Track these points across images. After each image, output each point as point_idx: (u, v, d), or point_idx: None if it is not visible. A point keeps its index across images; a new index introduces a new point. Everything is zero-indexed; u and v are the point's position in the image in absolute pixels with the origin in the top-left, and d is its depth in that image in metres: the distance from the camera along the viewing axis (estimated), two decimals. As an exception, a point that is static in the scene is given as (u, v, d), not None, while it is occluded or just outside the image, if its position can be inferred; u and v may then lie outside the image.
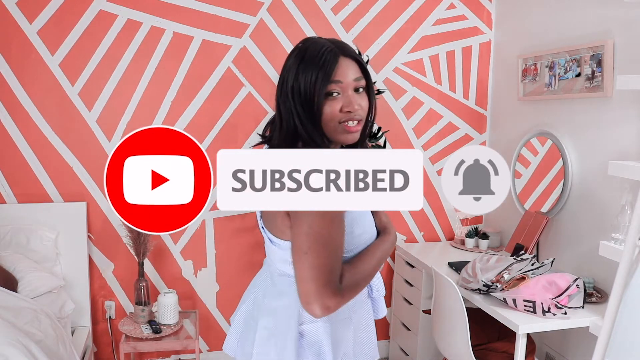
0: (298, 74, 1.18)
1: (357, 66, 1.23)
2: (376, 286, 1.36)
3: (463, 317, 2.14)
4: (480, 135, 3.28)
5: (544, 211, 2.68)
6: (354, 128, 1.20)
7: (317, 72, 1.17)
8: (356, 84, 1.22)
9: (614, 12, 2.26)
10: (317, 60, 1.18)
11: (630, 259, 1.44)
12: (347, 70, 1.20)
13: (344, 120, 1.19)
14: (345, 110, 1.19)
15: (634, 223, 1.44)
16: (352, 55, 1.24)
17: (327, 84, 1.17)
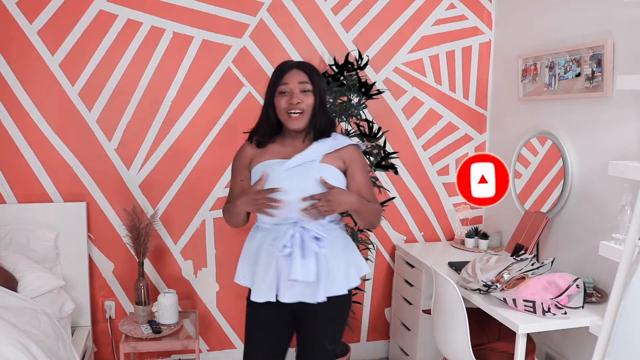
0: (270, 80, 1.83)
1: (305, 75, 1.79)
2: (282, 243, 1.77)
3: (463, 317, 2.14)
4: (480, 135, 3.28)
5: (544, 211, 2.68)
6: (295, 117, 1.77)
7: (275, 77, 1.81)
8: (301, 87, 1.78)
9: (614, 12, 2.26)
10: (278, 70, 1.82)
11: (630, 259, 1.44)
12: (295, 76, 1.78)
13: (288, 110, 1.77)
14: (289, 102, 1.76)
15: (634, 223, 1.44)
16: (303, 68, 1.80)
17: (279, 85, 1.79)
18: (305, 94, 1.77)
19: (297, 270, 1.71)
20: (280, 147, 1.85)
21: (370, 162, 2.76)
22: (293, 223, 1.77)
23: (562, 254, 2.59)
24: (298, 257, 1.72)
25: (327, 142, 1.83)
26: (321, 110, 1.82)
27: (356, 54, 2.95)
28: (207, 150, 2.93)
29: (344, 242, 1.87)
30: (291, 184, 1.73)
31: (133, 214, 2.67)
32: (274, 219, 1.78)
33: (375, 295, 3.29)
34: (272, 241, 1.78)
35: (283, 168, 1.76)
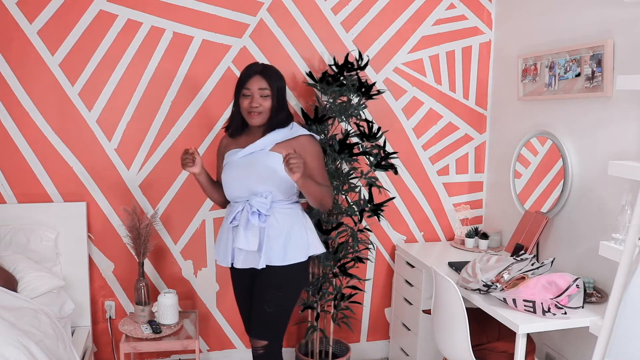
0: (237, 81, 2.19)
1: (265, 82, 2.13)
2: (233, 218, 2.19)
3: (463, 317, 2.14)
4: (480, 135, 3.29)
5: (544, 211, 2.68)
6: (255, 116, 2.16)
7: (240, 81, 2.17)
8: (261, 92, 2.14)
9: (614, 12, 2.26)
10: (242, 74, 2.18)
11: (630, 259, 1.44)
12: (256, 82, 2.14)
13: (248, 111, 2.15)
14: (250, 105, 2.14)
15: (634, 223, 1.44)
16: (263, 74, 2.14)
17: (242, 89, 2.16)
18: (263, 98, 2.14)
19: (240, 239, 2.10)
20: (245, 138, 2.23)
21: (370, 162, 2.76)
22: (245, 201, 2.14)
23: (562, 254, 2.59)
24: (241, 229, 2.10)
25: (281, 133, 2.18)
26: (279, 108, 2.17)
27: (356, 54, 2.95)
28: (207, 150, 2.93)
29: (291, 221, 2.17)
30: (243, 169, 2.15)
31: (133, 214, 2.67)
32: (232, 197, 2.21)
33: (375, 295, 3.29)
34: (228, 216, 2.19)
35: (238, 155, 2.17)
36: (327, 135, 2.80)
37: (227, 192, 2.22)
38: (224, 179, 2.20)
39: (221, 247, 2.25)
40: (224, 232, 2.24)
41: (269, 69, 2.17)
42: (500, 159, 3.16)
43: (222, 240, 2.25)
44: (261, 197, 2.11)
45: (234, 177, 2.17)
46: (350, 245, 2.82)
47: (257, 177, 2.12)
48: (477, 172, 3.32)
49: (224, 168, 2.22)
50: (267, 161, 2.13)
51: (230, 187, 2.19)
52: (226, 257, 2.21)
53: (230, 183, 2.18)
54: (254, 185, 2.12)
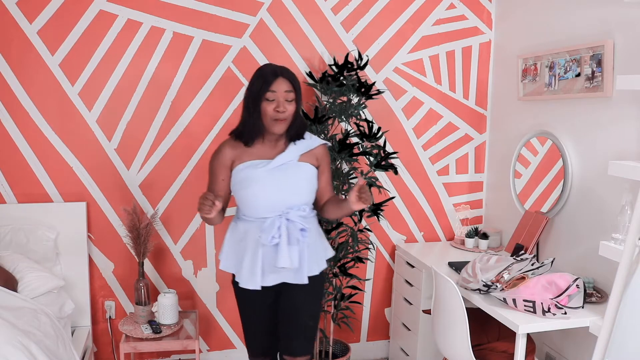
0: (252, 85, 1.95)
1: (290, 84, 1.94)
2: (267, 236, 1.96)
3: (463, 317, 2.14)
4: (480, 135, 3.28)
5: (544, 211, 2.68)
6: (281, 122, 1.94)
7: (262, 84, 1.92)
8: (286, 95, 1.93)
9: (614, 12, 2.26)
10: (263, 76, 1.93)
11: (630, 259, 1.45)
12: (281, 85, 1.92)
13: (275, 117, 1.93)
14: (276, 109, 1.92)
15: (634, 223, 1.44)
16: (287, 77, 1.94)
17: (266, 92, 1.91)
18: (289, 103, 1.94)
19: (284, 258, 1.91)
20: (259, 148, 2.02)
21: (370, 162, 2.76)
22: (278, 216, 1.96)
23: (562, 254, 2.59)
24: (285, 247, 1.92)
25: (303, 143, 2.05)
26: (299, 116, 2.02)
27: (356, 54, 2.95)
28: (207, 150, 2.93)
29: (317, 230, 2.10)
30: (274, 181, 1.96)
31: (133, 214, 2.67)
32: (258, 213, 1.98)
33: (375, 295, 3.29)
34: (259, 232, 1.96)
35: (268, 168, 1.97)
36: (327, 135, 2.80)
37: (253, 207, 1.98)
38: (248, 195, 1.97)
39: (244, 268, 1.99)
40: (249, 252, 1.99)
41: (288, 70, 1.98)
42: (500, 159, 3.16)
43: (244, 260, 1.99)
44: (299, 211, 1.98)
45: (266, 190, 1.95)
46: (350, 245, 2.82)
47: (294, 190, 1.98)
48: (477, 172, 3.32)
49: (242, 183, 1.98)
50: (300, 172, 2.01)
51: (261, 202, 1.97)
52: (254, 278, 1.97)
53: (263, 197, 1.96)
54: (290, 198, 1.97)
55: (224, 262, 2.09)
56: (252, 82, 1.96)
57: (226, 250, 2.10)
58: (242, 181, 1.98)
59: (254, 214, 1.99)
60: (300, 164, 2.01)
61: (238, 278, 2.03)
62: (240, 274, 2.01)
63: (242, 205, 2.03)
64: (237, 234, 2.05)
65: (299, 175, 2.00)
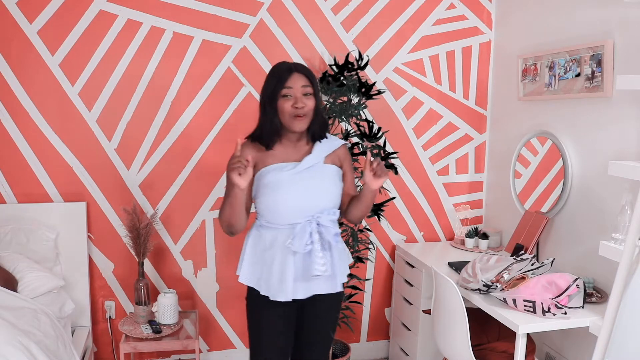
0: (267, 84, 1.87)
1: (306, 78, 1.83)
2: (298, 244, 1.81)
3: (463, 317, 2.14)
4: (480, 135, 3.28)
5: (544, 211, 2.68)
6: (301, 119, 1.82)
7: (276, 81, 1.83)
8: (303, 90, 1.82)
9: (614, 12, 2.26)
10: (278, 74, 1.84)
11: (630, 259, 1.44)
12: (297, 80, 1.82)
13: (294, 114, 1.81)
14: (294, 106, 1.81)
15: (634, 223, 1.44)
16: (302, 71, 1.84)
17: (282, 88, 1.81)
18: (307, 97, 1.83)
19: (319, 265, 1.78)
20: (281, 150, 1.89)
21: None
22: (307, 221, 1.82)
23: (562, 254, 2.59)
24: (319, 254, 1.79)
25: (326, 144, 1.94)
26: (319, 112, 1.90)
27: (356, 54, 2.95)
28: (207, 150, 2.93)
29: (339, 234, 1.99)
30: (302, 185, 1.83)
31: (133, 214, 2.67)
32: (287, 219, 1.82)
33: (375, 295, 3.29)
34: (290, 240, 1.80)
35: (295, 170, 1.84)
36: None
37: (281, 212, 1.83)
38: (275, 200, 1.82)
39: (273, 278, 1.84)
40: (278, 261, 1.84)
41: (303, 65, 1.88)
42: (500, 159, 3.16)
43: (273, 270, 1.84)
44: (329, 215, 1.85)
45: (295, 194, 1.82)
46: (351, 245, 2.82)
47: (323, 193, 1.86)
48: (477, 172, 3.32)
49: (268, 187, 1.83)
50: (328, 174, 1.89)
51: (290, 207, 1.82)
52: (284, 289, 1.82)
53: (292, 202, 1.82)
54: (320, 202, 1.85)
55: (246, 275, 1.90)
56: (266, 82, 1.86)
57: (248, 262, 1.90)
58: (267, 185, 1.83)
59: (281, 221, 1.84)
60: (327, 166, 1.91)
61: (265, 291, 1.85)
62: (268, 286, 1.84)
63: (266, 212, 1.86)
64: (262, 243, 1.88)
65: (327, 178, 1.89)
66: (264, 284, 1.85)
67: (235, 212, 1.79)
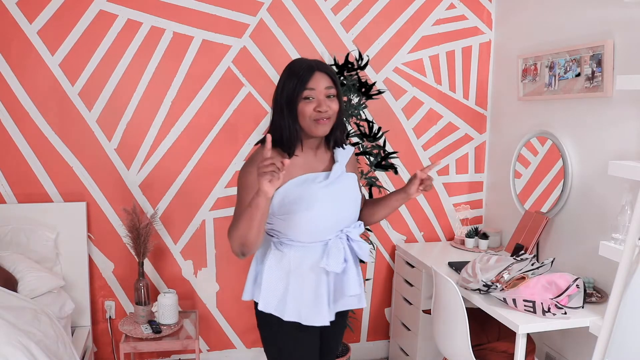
0: (284, 84, 1.62)
1: (329, 79, 1.63)
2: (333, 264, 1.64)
3: (463, 317, 2.14)
4: (480, 135, 3.28)
5: (544, 211, 2.68)
6: (323, 122, 1.61)
7: (296, 82, 1.59)
8: (327, 92, 1.61)
9: (614, 12, 2.26)
10: (297, 73, 1.60)
11: (630, 259, 1.44)
12: (320, 80, 1.60)
13: (316, 118, 1.60)
14: (317, 109, 1.59)
15: (634, 223, 1.44)
16: (325, 70, 1.63)
17: (303, 90, 1.59)
18: (330, 100, 1.63)
19: (354, 283, 1.66)
20: (303, 157, 1.67)
21: (370, 162, 2.76)
22: (337, 237, 1.66)
23: (562, 254, 2.59)
24: (354, 271, 1.68)
25: (345, 150, 1.77)
26: (342, 115, 1.71)
27: (356, 54, 2.95)
28: (207, 150, 2.93)
29: None
30: (333, 197, 1.66)
31: (133, 214, 2.67)
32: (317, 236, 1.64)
33: (375, 295, 3.29)
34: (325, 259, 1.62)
35: (327, 182, 1.66)
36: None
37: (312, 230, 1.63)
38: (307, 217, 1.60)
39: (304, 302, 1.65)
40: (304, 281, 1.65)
41: (324, 63, 1.67)
42: (500, 159, 3.16)
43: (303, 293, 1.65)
44: (356, 228, 1.72)
45: (330, 210, 1.64)
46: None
47: (352, 204, 1.72)
48: (477, 172, 3.32)
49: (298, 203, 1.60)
50: (352, 184, 1.74)
51: (324, 224, 1.64)
52: (321, 313, 1.65)
53: (327, 218, 1.64)
54: (351, 214, 1.71)
55: (267, 301, 1.65)
56: (284, 82, 1.62)
57: (269, 287, 1.65)
58: (298, 201, 1.60)
59: (309, 238, 1.64)
60: (349, 175, 1.75)
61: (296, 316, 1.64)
62: (299, 311, 1.64)
63: (293, 230, 1.62)
64: (286, 264, 1.65)
65: (353, 187, 1.74)
66: (293, 310, 1.64)
67: (253, 228, 1.49)
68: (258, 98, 2.94)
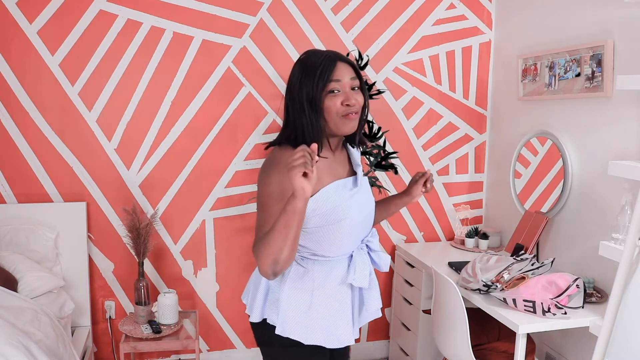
0: (303, 79, 1.44)
1: (352, 69, 1.47)
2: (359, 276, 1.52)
3: (463, 317, 2.14)
4: (480, 135, 3.28)
5: (544, 211, 2.68)
6: (352, 117, 1.45)
7: (318, 74, 1.41)
8: (352, 83, 1.46)
9: (614, 12, 2.26)
10: (319, 65, 1.43)
11: (630, 259, 1.45)
12: (345, 71, 1.45)
13: (345, 113, 1.44)
14: (345, 103, 1.43)
15: (634, 223, 1.44)
16: (347, 60, 1.48)
17: (329, 83, 1.42)
18: (356, 92, 1.47)
19: (376, 299, 1.58)
20: (325, 160, 1.49)
21: (370, 162, 2.76)
22: (359, 248, 1.55)
23: (562, 254, 2.59)
24: (376, 285, 1.59)
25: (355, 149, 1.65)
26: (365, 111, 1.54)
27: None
28: (207, 150, 2.93)
29: None
30: (360, 206, 1.52)
31: (133, 214, 2.67)
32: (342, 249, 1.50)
33: (375, 295, 3.28)
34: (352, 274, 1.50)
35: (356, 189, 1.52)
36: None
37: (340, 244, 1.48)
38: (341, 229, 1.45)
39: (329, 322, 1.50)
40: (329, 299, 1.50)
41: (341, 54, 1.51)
42: (500, 159, 3.16)
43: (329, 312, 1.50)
44: (374, 237, 1.60)
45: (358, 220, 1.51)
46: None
47: (372, 213, 1.60)
48: (477, 172, 3.32)
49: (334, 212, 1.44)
50: (369, 189, 1.61)
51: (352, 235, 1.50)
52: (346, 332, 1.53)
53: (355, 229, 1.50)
54: (372, 222, 1.60)
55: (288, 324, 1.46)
56: (300, 77, 1.44)
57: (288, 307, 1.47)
58: (332, 212, 1.43)
59: (336, 252, 1.49)
60: (366, 179, 1.61)
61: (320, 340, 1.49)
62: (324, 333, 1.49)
63: (319, 244, 1.47)
64: (309, 282, 1.48)
65: (370, 193, 1.60)
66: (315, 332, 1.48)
67: (289, 239, 1.27)
68: (258, 98, 2.94)
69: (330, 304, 1.50)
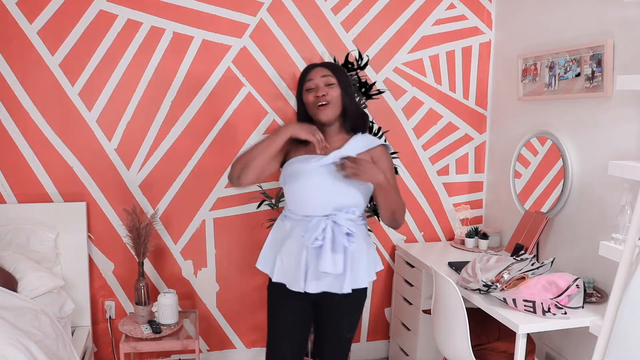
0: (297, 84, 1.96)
1: (326, 69, 1.90)
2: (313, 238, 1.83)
3: (463, 317, 2.14)
4: (480, 135, 3.28)
5: (544, 211, 2.68)
6: (323, 108, 1.86)
7: (300, 79, 1.93)
8: (325, 80, 1.87)
9: (614, 12, 2.26)
10: (303, 73, 1.94)
11: (630, 259, 1.45)
12: (317, 72, 1.89)
13: (317, 102, 1.87)
14: (314, 95, 1.87)
15: (634, 223, 1.44)
16: (322, 64, 1.93)
17: (304, 83, 1.91)
18: (330, 87, 1.87)
19: (327, 262, 1.79)
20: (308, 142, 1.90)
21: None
22: (324, 216, 1.84)
23: (562, 254, 2.59)
24: (328, 250, 1.80)
25: (362, 141, 1.93)
26: (350, 103, 1.91)
27: (356, 54, 2.95)
28: (207, 150, 2.93)
29: (366, 238, 1.97)
30: (326, 179, 1.85)
31: (133, 214, 2.67)
32: (304, 210, 1.88)
33: (375, 295, 3.29)
34: (303, 232, 1.85)
35: (320, 163, 1.85)
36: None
37: (299, 205, 1.90)
38: (295, 189, 1.89)
39: (290, 268, 1.89)
40: (292, 252, 1.89)
41: (329, 62, 1.98)
42: (500, 159, 3.16)
43: (290, 260, 1.89)
44: (348, 214, 1.85)
45: (314, 188, 1.86)
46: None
47: (344, 190, 1.85)
48: (477, 172, 3.32)
49: (292, 176, 1.89)
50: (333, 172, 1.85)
51: (307, 200, 1.88)
52: (298, 281, 1.86)
53: (309, 195, 1.87)
54: (340, 199, 1.86)
55: (262, 261, 2.01)
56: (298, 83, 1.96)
57: (267, 249, 2.01)
58: (292, 174, 1.89)
59: (299, 211, 1.90)
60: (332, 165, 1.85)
61: (281, 278, 1.91)
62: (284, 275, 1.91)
63: (289, 201, 1.94)
64: (282, 232, 1.95)
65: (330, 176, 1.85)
66: (280, 272, 1.92)
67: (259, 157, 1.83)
68: (258, 98, 2.94)
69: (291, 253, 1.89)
